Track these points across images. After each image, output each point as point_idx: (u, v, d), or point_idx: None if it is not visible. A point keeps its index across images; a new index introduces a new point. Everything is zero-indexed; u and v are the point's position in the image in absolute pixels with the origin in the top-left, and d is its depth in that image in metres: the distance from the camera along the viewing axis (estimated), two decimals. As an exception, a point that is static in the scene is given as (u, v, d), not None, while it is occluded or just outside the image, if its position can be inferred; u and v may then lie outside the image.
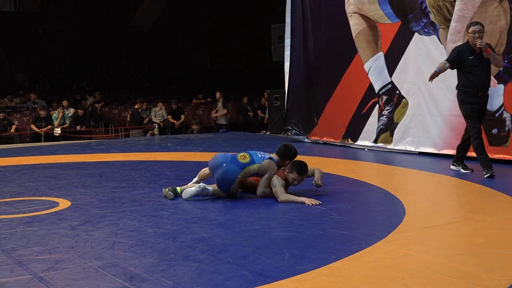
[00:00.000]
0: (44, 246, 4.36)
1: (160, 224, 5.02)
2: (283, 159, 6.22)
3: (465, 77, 7.06)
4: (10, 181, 7.53)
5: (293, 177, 6.02)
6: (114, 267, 3.80)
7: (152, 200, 6.10)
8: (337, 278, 3.50)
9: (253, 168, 5.99)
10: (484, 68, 6.96)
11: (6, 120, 15.08)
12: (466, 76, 7.02)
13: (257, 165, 5.98)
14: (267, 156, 6.08)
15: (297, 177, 6.01)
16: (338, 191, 6.60)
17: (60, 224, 5.06)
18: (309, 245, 4.27)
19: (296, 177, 6.01)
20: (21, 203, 6.05)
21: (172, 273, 3.65)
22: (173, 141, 13.28)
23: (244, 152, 6.12)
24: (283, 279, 3.49)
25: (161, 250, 4.21)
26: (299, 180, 6.06)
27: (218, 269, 3.72)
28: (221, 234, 4.63)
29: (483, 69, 6.95)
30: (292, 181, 6.06)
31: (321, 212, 5.37)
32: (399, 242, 4.33)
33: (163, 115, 16.82)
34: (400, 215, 5.18)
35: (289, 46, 12.40)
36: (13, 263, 3.92)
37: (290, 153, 6.28)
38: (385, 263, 3.80)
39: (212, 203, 5.94)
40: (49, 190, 6.80)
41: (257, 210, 5.62)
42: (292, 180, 6.05)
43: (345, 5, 10.78)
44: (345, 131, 11.00)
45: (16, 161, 9.65)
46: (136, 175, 7.89)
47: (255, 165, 5.98)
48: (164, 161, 9.41)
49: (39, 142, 14.33)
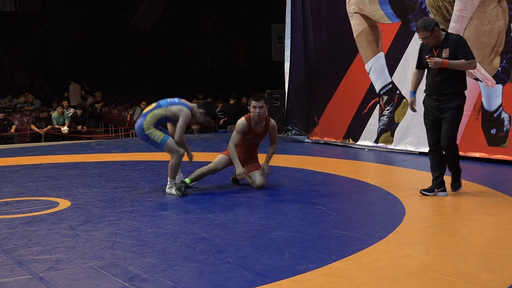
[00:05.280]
0: (44, 246, 4.36)
1: (160, 224, 5.02)
2: (199, 107, 6.41)
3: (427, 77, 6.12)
4: (10, 181, 7.53)
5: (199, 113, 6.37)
6: (114, 267, 3.80)
7: (152, 200, 6.11)
8: (337, 278, 3.50)
9: (159, 112, 6.29)
10: (442, 72, 5.77)
11: (6, 120, 15.08)
12: (426, 76, 6.08)
13: (163, 108, 6.27)
14: (177, 101, 6.35)
15: (205, 118, 6.46)
16: (338, 191, 6.60)
17: (60, 224, 5.06)
18: (309, 245, 4.27)
19: (201, 114, 6.37)
20: (21, 203, 6.05)
21: (172, 273, 3.66)
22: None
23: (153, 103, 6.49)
24: (283, 279, 3.50)
25: (161, 250, 4.21)
26: (206, 120, 6.54)
27: (218, 269, 3.72)
28: (221, 234, 4.63)
29: (440, 72, 5.79)
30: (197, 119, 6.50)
31: (321, 212, 5.37)
32: (399, 242, 4.33)
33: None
34: (400, 215, 5.18)
35: (289, 46, 12.38)
36: (13, 263, 3.92)
37: (208, 107, 6.52)
38: (385, 263, 3.80)
39: (212, 203, 5.94)
40: (49, 190, 6.80)
41: (257, 210, 5.62)
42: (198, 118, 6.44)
43: (346, 5, 10.77)
44: (346, 131, 11.00)
45: (16, 161, 9.65)
46: (136, 175, 7.89)
47: (161, 109, 6.29)
48: (164, 161, 9.35)
49: (39, 142, 14.33)
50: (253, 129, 6.51)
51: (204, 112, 6.42)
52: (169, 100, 6.39)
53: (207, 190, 6.63)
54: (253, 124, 6.51)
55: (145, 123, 6.30)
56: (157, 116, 6.30)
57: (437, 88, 5.85)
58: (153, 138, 6.32)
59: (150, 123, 6.29)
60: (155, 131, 6.31)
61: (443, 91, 5.83)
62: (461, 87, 5.88)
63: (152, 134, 6.30)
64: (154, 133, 6.30)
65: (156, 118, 6.30)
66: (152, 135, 6.30)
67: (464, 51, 5.74)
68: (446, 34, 5.90)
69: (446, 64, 5.69)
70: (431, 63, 5.74)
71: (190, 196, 6.31)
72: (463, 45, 5.79)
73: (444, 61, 5.70)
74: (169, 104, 6.31)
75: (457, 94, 5.84)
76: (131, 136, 16.09)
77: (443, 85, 5.81)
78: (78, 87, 19.31)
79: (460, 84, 5.87)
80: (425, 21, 5.86)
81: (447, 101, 5.82)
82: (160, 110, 6.30)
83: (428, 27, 5.77)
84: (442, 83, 5.80)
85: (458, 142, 7.97)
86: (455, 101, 5.83)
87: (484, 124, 8.39)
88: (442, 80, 5.80)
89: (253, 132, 6.54)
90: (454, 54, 5.74)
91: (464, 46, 5.78)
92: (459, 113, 5.90)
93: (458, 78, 5.83)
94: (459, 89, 5.85)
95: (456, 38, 5.86)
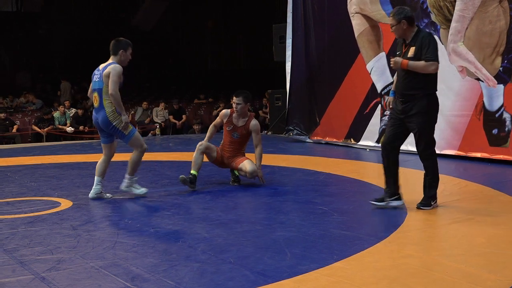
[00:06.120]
0: (46, 246, 4.36)
1: (161, 224, 5.02)
2: (117, 53, 6.17)
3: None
4: (12, 181, 7.54)
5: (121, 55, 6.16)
6: (116, 267, 3.80)
7: (154, 200, 6.11)
8: (339, 278, 3.50)
9: (105, 94, 6.01)
10: (404, 71, 5.31)
11: (7, 120, 15.09)
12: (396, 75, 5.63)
13: (103, 88, 6.02)
14: (101, 69, 6.10)
15: (126, 54, 6.19)
16: (340, 191, 6.61)
17: (62, 224, 5.07)
18: (311, 245, 4.27)
19: (122, 54, 6.16)
20: (22, 203, 6.05)
21: (174, 273, 3.66)
22: (175, 141, 13.28)
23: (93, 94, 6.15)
24: (285, 279, 3.50)
25: (162, 250, 4.21)
26: (125, 56, 6.20)
27: (220, 269, 3.73)
28: (222, 234, 4.64)
29: (403, 71, 5.33)
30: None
31: (322, 212, 5.37)
32: (400, 242, 4.34)
33: (164, 115, 16.83)
34: (401, 215, 5.18)
35: (291, 46, 12.39)
36: (15, 263, 3.93)
37: (120, 43, 6.24)
38: (386, 263, 3.80)
39: (214, 203, 5.95)
40: (51, 190, 6.81)
41: (258, 210, 5.63)
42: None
43: (347, 5, 10.78)
44: (348, 131, 11.00)
45: (18, 161, 9.66)
46: (137, 175, 7.87)
47: (103, 89, 6.02)
48: (166, 161, 9.42)
49: (41, 142, 14.33)
50: (233, 120, 6.85)
51: (123, 50, 6.16)
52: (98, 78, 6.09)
53: (209, 191, 6.63)
54: (235, 116, 6.86)
55: (109, 114, 6.00)
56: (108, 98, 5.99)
57: (401, 88, 5.38)
58: (121, 129, 6.06)
59: (113, 112, 5.99)
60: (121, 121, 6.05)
61: (406, 91, 5.33)
62: (428, 87, 5.33)
63: (120, 125, 6.04)
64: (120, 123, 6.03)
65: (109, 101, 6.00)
66: (119, 126, 6.04)
67: (427, 52, 5.22)
68: (417, 30, 5.37)
69: (405, 65, 5.25)
70: (392, 62, 5.40)
71: (191, 196, 6.32)
72: (428, 45, 5.24)
73: (403, 62, 5.26)
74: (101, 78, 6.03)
75: (423, 95, 5.28)
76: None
77: (407, 85, 5.31)
78: (68, 85, 19.70)
79: (427, 84, 5.31)
80: (398, 9, 5.42)
81: (412, 103, 5.29)
82: (104, 92, 6.01)
83: (396, 16, 5.33)
84: (406, 82, 5.32)
85: (459, 142, 8.03)
86: (420, 103, 5.26)
87: (486, 124, 8.39)
88: (406, 79, 5.32)
89: (233, 124, 6.85)
90: (418, 54, 5.26)
91: (429, 46, 5.24)
92: (428, 117, 5.35)
93: (424, 78, 5.27)
94: (424, 90, 5.29)
95: (423, 37, 5.30)
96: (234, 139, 6.90)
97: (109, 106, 5.99)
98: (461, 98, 8.72)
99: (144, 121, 16.75)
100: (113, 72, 5.97)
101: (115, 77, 5.96)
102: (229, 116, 6.89)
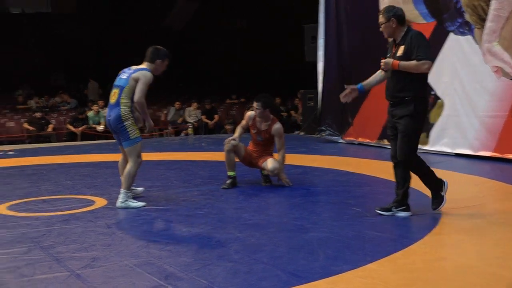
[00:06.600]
0: (81, 243, 4.43)
1: (194, 224, 5.05)
2: (154, 61, 5.98)
3: None
4: (48, 179, 7.66)
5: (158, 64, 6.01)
6: (150, 266, 3.84)
7: (187, 200, 6.14)
8: (373, 280, 3.48)
9: (126, 93, 5.79)
10: (396, 72, 5.10)
11: (43, 120, 15.33)
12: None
13: (127, 87, 5.79)
14: (132, 70, 5.90)
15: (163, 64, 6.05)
16: (373, 192, 6.57)
17: (96, 222, 5.13)
18: (344, 246, 4.25)
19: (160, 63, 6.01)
20: (58, 201, 6.15)
21: (207, 273, 3.68)
22: (207, 141, 13.34)
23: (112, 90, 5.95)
24: (317, 280, 3.50)
25: (195, 250, 4.24)
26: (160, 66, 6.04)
27: (253, 269, 3.74)
28: (255, 234, 4.65)
29: (394, 72, 5.12)
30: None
31: (355, 213, 5.35)
32: (435, 244, 4.29)
33: (197, 115, 16.93)
34: (436, 217, 5.13)
35: (323, 46, 12.36)
36: (51, 260, 3.99)
37: (160, 52, 6.05)
38: (420, 265, 3.77)
39: (247, 203, 5.97)
40: (86, 188, 6.90)
41: (290, 210, 5.63)
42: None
43: (379, 6, 10.70)
44: (381, 132, 10.92)
45: (53, 159, 9.81)
46: (170, 174, 7.96)
47: (125, 88, 5.80)
48: (199, 161, 9.47)
49: (75, 141, 14.53)
50: (256, 124, 6.85)
51: (161, 60, 6.00)
52: (126, 76, 5.88)
53: (241, 191, 6.65)
54: (258, 120, 6.85)
55: (123, 113, 5.77)
56: (128, 98, 5.79)
57: (390, 90, 5.21)
58: (128, 131, 5.77)
59: (127, 112, 5.78)
60: (134, 125, 5.82)
61: (395, 93, 5.15)
62: (417, 90, 5.10)
63: (130, 127, 5.77)
64: (132, 127, 5.79)
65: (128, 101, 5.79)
66: (129, 128, 5.77)
67: (418, 51, 5.01)
68: (407, 30, 5.18)
69: (396, 66, 5.04)
70: (382, 64, 5.18)
71: (224, 196, 6.34)
72: (418, 43, 5.04)
73: (394, 63, 5.05)
74: (129, 78, 5.84)
75: (412, 98, 5.07)
76: (165, 135, 16.22)
77: (395, 87, 5.14)
78: (96, 84, 20.19)
79: (416, 87, 5.09)
80: (388, 7, 5.26)
81: (400, 107, 5.13)
82: (125, 90, 5.79)
83: (386, 14, 5.16)
84: (395, 84, 5.14)
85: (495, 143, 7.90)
86: (408, 106, 5.07)
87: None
88: (395, 81, 5.14)
89: (257, 128, 6.86)
90: (408, 53, 5.06)
91: (419, 44, 5.03)
92: (414, 121, 5.12)
93: (413, 80, 5.05)
94: (413, 93, 5.07)
95: (412, 35, 5.10)
96: (258, 141, 6.94)
97: (125, 106, 5.79)
98: (496, 98, 8.60)
99: (176, 121, 16.88)
100: (143, 79, 5.78)
101: (143, 86, 5.77)
102: (253, 119, 6.90)
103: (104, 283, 3.53)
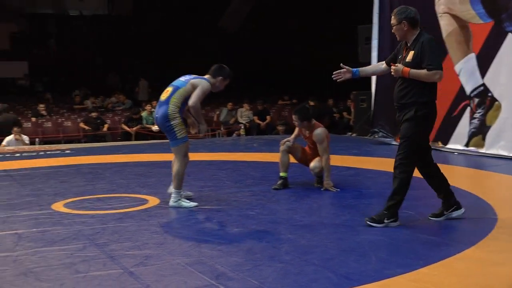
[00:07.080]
0: (135, 242, 4.50)
1: (246, 224, 5.07)
2: (215, 76, 6.02)
3: None
4: (103, 178, 7.80)
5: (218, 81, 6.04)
6: (201, 265, 3.87)
7: (238, 200, 6.17)
8: (426, 284, 3.43)
9: (180, 94, 5.79)
10: (400, 78, 5.02)
11: (99, 119, 15.64)
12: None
13: (182, 88, 5.80)
14: (193, 76, 5.93)
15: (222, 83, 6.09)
16: (426, 195, 6.45)
17: (150, 221, 5.21)
18: (396, 249, 4.21)
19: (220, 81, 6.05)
20: (112, 199, 6.26)
21: (258, 273, 3.69)
22: (259, 141, 13.36)
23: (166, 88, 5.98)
24: (370, 283, 3.46)
25: (246, 250, 4.25)
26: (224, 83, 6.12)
27: (303, 271, 3.73)
28: (306, 235, 4.63)
29: (398, 78, 5.04)
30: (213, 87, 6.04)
31: (408, 216, 5.27)
32: (490, 249, 4.19)
33: (249, 115, 16.99)
34: (491, 222, 5.01)
35: (377, 47, 12.24)
36: (105, 257, 4.07)
37: (224, 71, 6.10)
38: (475, 270, 3.69)
39: (298, 204, 5.95)
40: (139, 187, 7.00)
41: (342, 212, 5.59)
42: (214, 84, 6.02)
43: (435, 6, 10.53)
44: (436, 134, 10.73)
45: (108, 159, 9.98)
46: (222, 174, 8.00)
47: (180, 89, 5.80)
48: (250, 161, 9.49)
49: (130, 141, 14.77)
50: (302, 131, 6.95)
51: (222, 77, 6.05)
52: (185, 79, 5.91)
53: (293, 192, 6.64)
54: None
55: (170, 111, 5.76)
56: (180, 99, 5.78)
57: (396, 95, 5.06)
58: (176, 131, 5.76)
59: (175, 112, 5.76)
60: (181, 125, 5.80)
61: (400, 100, 5.01)
62: (422, 97, 4.92)
63: (177, 127, 5.76)
64: (179, 126, 5.77)
65: (179, 101, 5.79)
66: (176, 128, 5.75)
67: (428, 59, 4.84)
68: (419, 33, 4.98)
69: (406, 74, 4.88)
70: (392, 70, 5.00)
71: (275, 197, 6.34)
72: (429, 51, 4.86)
73: (404, 70, 4.89)
74: (187, 82, 5.86)
75: (413, 103, 4.91)
76: (218, 136, 16.33)
77: (400, 92, 5.00)
78: (146, 83, 20.81)
79: (418, 92, 4.92)
80: (400, 8, 5.08)
81: (403, 112, 5.00)
82: (180, 91, 5.80)
83: (398, 16, 5.00)
84: (400, 89, 5.01)
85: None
86: (409, 111, 4.92)
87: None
88: (401, 87, 5.01)
89: (303, 134, 6.96)
90: (417, 60, 4.89)
91: (430, 52, 4.86)
92: (414, 125, 4.95)
93: (420, 87, 4.90)
94: (418, 99, 4.91)
95: (424, 41, 4.90)
96: (308, 145, 7.01)
97: (174, 105, 5.78)
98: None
99: (229, 121, 16.98)
100: (202, 88, 5.81)
101: (200, 93, 5.79)
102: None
103: (156, 281, 3.58)
